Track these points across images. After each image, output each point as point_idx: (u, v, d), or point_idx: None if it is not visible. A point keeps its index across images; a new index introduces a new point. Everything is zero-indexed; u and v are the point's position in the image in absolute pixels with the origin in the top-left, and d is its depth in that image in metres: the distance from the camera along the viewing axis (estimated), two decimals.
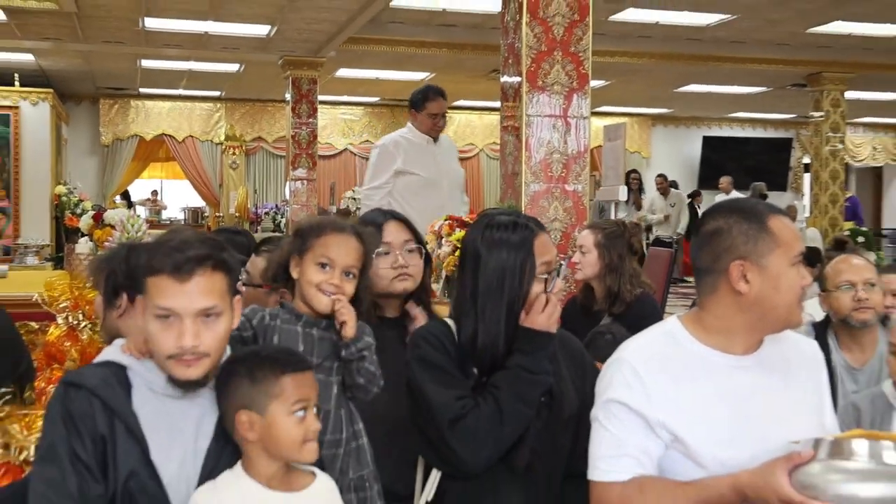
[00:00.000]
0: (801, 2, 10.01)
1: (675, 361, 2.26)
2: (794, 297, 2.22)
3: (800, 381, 2.33)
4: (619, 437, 2.22)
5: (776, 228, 2.22)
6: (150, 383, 2.12)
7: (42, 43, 12.01)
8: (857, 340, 3.85)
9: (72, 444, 2.04)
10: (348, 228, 2.63)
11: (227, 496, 2.04)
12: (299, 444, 2.07)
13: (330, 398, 2.57)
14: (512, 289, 2.49)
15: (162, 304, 2.07)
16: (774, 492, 1.95)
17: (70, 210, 13.17)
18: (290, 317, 2.60)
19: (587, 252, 4.44)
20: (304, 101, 13.06)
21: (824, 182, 13.32)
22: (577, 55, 5.64)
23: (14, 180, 13.66)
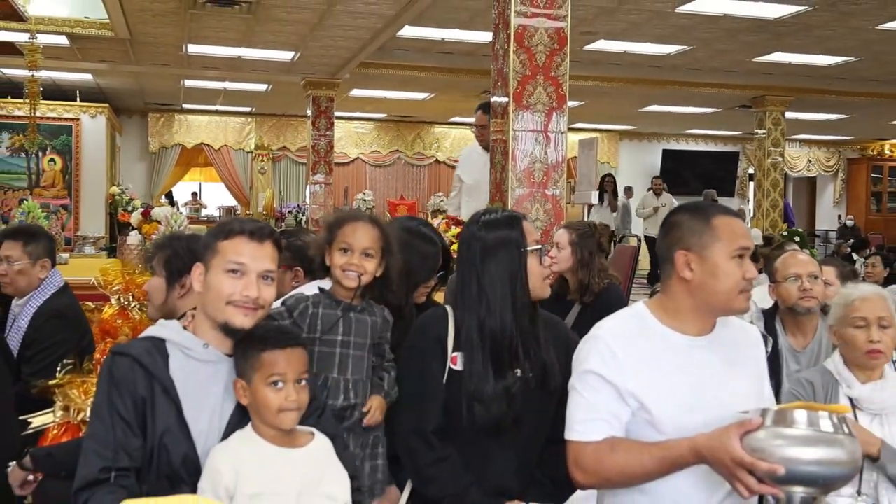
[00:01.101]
0: (746, 35, 10.01)
1: (642, 339, 2.27)
2: (732, 285, 2.22)
3: (745, 359, 2.34)
4: (593, 403, 2.21)
5: (719, 225, 2.24)
6: (187, 350, 2.14)
7: (99, 65, 11.98)
8: (801, 327, 3.85)
9: (114, 403, 2.07)
10: (363, 216, 2.70)
11: (239, 450, 2.08)
12: (274, 411, 2.09)
13: (363, 370, 2.64)
14: (513, 260, 2.52)
15: (236, 259, 2.16)
16: (728, 453, 1.95)
17: (122, 207, 13.12)
18: (331, 302, 2.65)
19: (563, 248, 4.44)
20: (323, 116, 13.04)
21: (766, 189, 13.32)
22: (556, 79, 5.64)
23: (75, 181, 13.66)
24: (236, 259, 2.15)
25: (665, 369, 2.23)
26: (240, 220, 2.27)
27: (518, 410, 2.49)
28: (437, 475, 2.45)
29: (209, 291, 2.16)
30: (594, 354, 2.25)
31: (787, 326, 3.89)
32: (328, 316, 2.62)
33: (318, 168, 13.06)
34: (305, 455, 2.13)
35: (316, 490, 2.10)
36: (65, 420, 3.39)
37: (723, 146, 20.31)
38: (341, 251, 2.62)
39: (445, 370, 2.51)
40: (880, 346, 2.95)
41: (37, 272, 4.15)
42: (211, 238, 2.21)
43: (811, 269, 3.84)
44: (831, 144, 21.04)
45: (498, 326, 2.49)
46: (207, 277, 2.17)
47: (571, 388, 2.28)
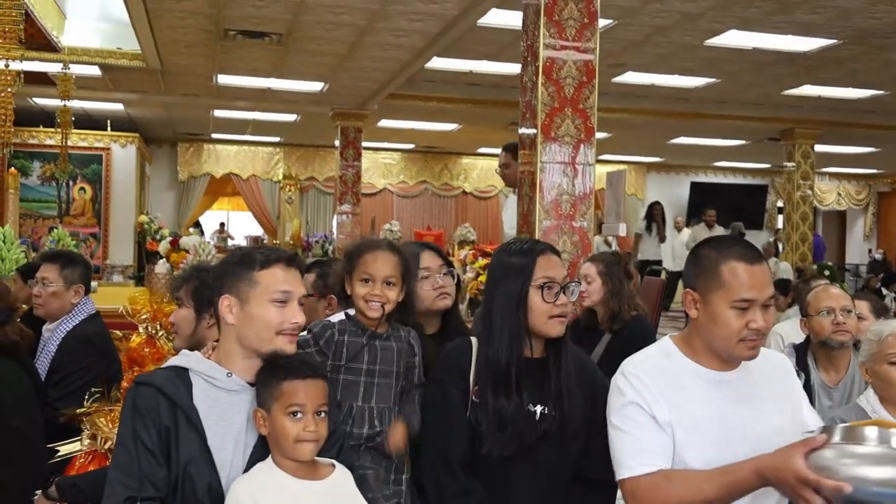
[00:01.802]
0: (776, 68, 9.99)
1: (670, 373, 2.25)
2: (729, 334, 2.18)
3: (777, 392, 2.31)
4: (637, 436, 2.18)
5: (725, 272, 2.19)
6: (211, 379, 2.15)
7: (130, 95, 12.13)
8: (833, 362, 3.81)
9: (139, 433, 2.07)
10: (383, 245, 2.69)
11: (259, 482, 2.08)
12: (292, 441, 2.09)
13: (390, 398, 2.63)
14: (511, 292, 2.48)
15: (282, 288, 2.18)
16: (792, 472, 1.88)
17: (151, 236, 13.30)
18: (357, 329, 2.65)
19: (592, 281, 4.44)
20: (351, 146, 13.11)
21: (795, 223, 13.22)
22: (584, 111, 5.64)
23: (105, 210, 13.83)
24: (281, 288, 2.18)
25: (692, 404, 2.21)
26: (265, 248, 2.30)
27: (529, 443, 2.45)
28: None
29: (253, 322, 2.17)
30: (628, 387, 2.23)
31: (819, 361, 3.84)
32: (353, 344, 2.62)
33: (346, 198, 13.12)
34: (326, 487, 2.13)
35: None
36: (92, 448, 3.40)
37: (751, 179, 20.21)
38: (363, 281, 2.62)
39: (469, 402, 2.49)
40: None
41: (70, 296, 4.20)
42: (241, 268, 2.21)
43: (844, 302, 3.80)
44: (861, 178, 20.88)
45: (495, 355, 2.47)
46: (248, 309, 2.18)
47: (613, 427, 2.24)
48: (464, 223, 16.19)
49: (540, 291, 2.47)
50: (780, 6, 7.53)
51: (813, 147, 13.30)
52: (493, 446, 2.42)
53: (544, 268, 2.49)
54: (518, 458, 2.45)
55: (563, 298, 2.49)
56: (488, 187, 18.98)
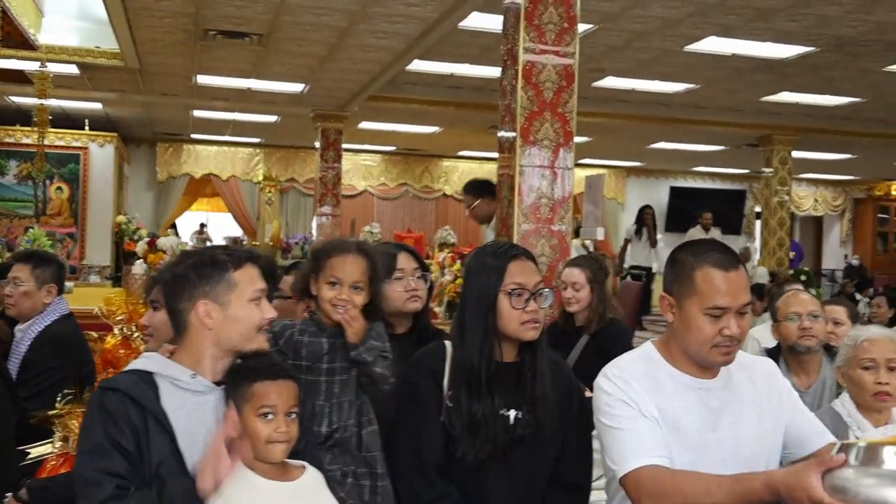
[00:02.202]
0: (754, 74, 10.05)
1: (651, 377, 2.25)
2: (703, 340, 2.18)
3: (758, 396, 2.31)
4: (633, 430, 2.16)
5: (699, 279, 2.19)
6: (176, 381, 2.13)
7: (109, 94, 12.05)
8: (804, 366, 3.83)
9: (113, 435, 2.04)
10: (353, 248, 2.64)
11: (230, 484, 2.06)
12: (263, 443, 2.09)
13: (351, 391, 2.60)
14: (482, 295, 2.47)
15: (258, 286, 2.22)
16: (806, 492, 1.78)
17: (128, 236, 13.21)
18: (317, 329, 2.62)
19: (581, 288, 4.47)
20: (331, 148, 13.08)
21: (773, 228, 13.29)
22: (563, 115, 5.65)
23: (82, 210, 13.72)
24: (258, 286, 2.22)
25: (674, 407, 2.21)
26: (221, 248, 2.30)
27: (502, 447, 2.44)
28: None
29: (237, 324, 2.18)
30: (613, 387, 2.23)
31: (790, 366, 3.87)
32: (313, 343, 2.60)
33: (326, 200, 13.08)
34: (296, 488, 2.12)
35: None
36: (64, 451, 3.36)
37: (730, 184, 20.31)
38: (329, 284, 2.58)
39: (443, 405, 2.48)
40: (888, 388, 2.92)
41: (42, 296, 4.16)
42: (215, 271, 2.19)
43: (811, 308, 3.83)
44: (838, 184, 21.04)
45: (466, 358, 2.46)
46: (231, 311, 2.18)
47: (604, 427, 2.22)
48: (444, 226, 16.19)
49: (509, 297, 2.45)
50: (759, 13, 7.57)
51: (790, 153, 13.39)
52: (466, 450, 2.41)
53: (515, 273, 2.47)
54: (492, 463, 2.44)
55: (532, 305, 2.46)
56: None
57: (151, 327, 3.01)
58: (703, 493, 1.98)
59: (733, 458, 2.21)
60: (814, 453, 2.07)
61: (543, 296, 2.49)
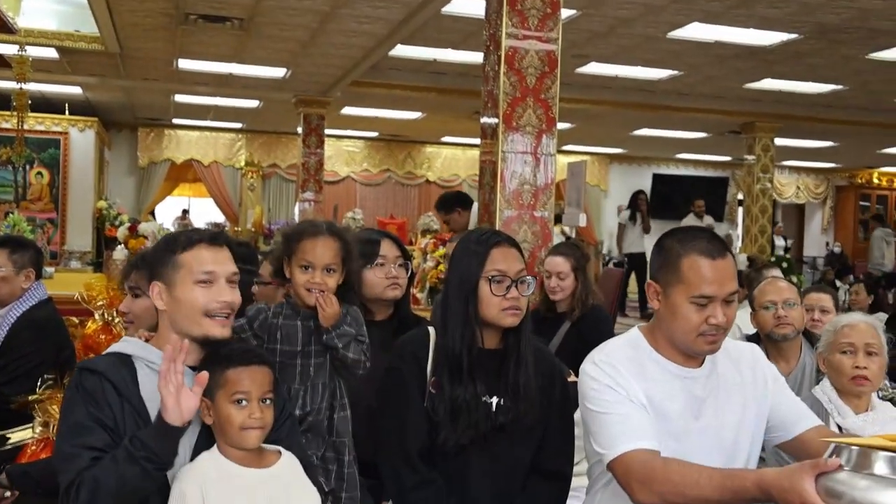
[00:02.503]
0: (737, 61, 10.07)
1: (638, 363, 2.25)
2: (688, 328, 2.18)
3: (743, 383, 2.31)
4: (622, 414, 2.15)
5: (685, 267, 2.18)
6: (152, 364, 2.13)
7: (89, 78, 11.97)
8: (783, 353, 3.85)
9: (93, 414, 2.04)
10: (323, 230, 2.62)
11: (204, 471, 2.06)
12: (237, 429, 2.08)
13: (325, 373, 2.60)
14: (464, 281, 2.46)
15: (205, 268, 2.14)
16: (800, 496, 1.72)
17: (109, 222, 13.13)
18: (292, 312, 2.61)
19: (565, 277, 4.48)
20: (314, 134, 13.04)
21: (755, 215, 13.34)
22: (546, 101, 5.65)
23: (62, 195, 13.63)
24: (204, 268, 2.14)
25: (658, 392, 2.22)
26: (191, 230, 2.25)
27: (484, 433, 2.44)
28: (421, 499, 2.42)
29: (181, 306, 2.14)
30: (600, 373, 2.22)
31: (770, 353, 3.88)
32: (288, 326, 2.60)
33: (308, 186, 13.05)
34: (271, 474, 2.12)
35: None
36: (44, 436, 3.35)
37: (713, 171, 20.39)
38: (302, 268, 2.57)
39: (426, 391, 2.48)
40: (866, 372, 2.95)
41: (20, 281, 4.14)
42: (165, 253, 2.18)
43: (787, 295, 3.83)
44: (820, 172, 21.16)
45: (448, 344, 2.45)
46: (175, 293, 2.14)
47: (591, 413, 2.21)
48: (427, 212, 16.17)
49: (489, 283, 2.43)
50: (743, 0, 7.59)
51: (773, 140, 13.44)
52: (448, 436, 2.41)
53: (497, 260, 2.46)
54: (475, 449, 2.45)
55: (513, 292, 2.44)
56: (452, 176, 18.99)
57: (131, 314, 2.99)
58: (693, 485, 1.96)
59: (716, 446, 2.22)
60: (803, 451, 2.05)
61: (525, 283, 2.47)
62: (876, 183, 21.29)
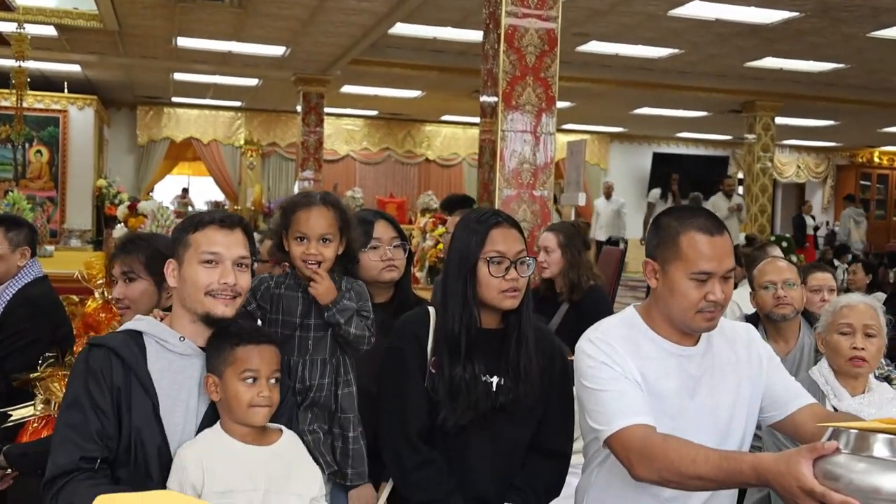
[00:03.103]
0: (738, 39, 10.04)
1: (633, 342, 2.25)
2: (687, 305, 2.18)
3: (742, 362, 2.32)
4: (619, 390, 2.15)
5: (684, 244, 2.18)
6: (164, 342, 2.15)
7: (88, 56, 11.93)
8: (782, 333, 3.85)
9: (92, 393, 2.06)
10: (317, 200, 2.61)
11: (207, 448, 2.07)
12: (245, 407, 2.09)
13: (326, 349, 2.61)
14: (463, 261, 2.45)
15: (210, 249, 2.17)
16: (797, 481, 1.70)
17: (109, 200, 13.15)
18: (294, 283, 2.62)
19: (552, 252, 4.46)
20: (313, 112, 13.02)
21: (755, 194, 13.34)
22: (545, 80, 5.64)
23: (62, 173, 13.63)
24: (210, 249, 2.17)
25: (653, 373, 2.22)
26: (208, 211, 2.29)
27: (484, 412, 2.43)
28: (422, 479, 2.43)
29: (186, 284, 2.17)
30: (596, 351, 2.22)
31: (769, 333, 3.89)
32: (289, 297, 2.60)
33: (307, 164, 13.04)
34: (273, 452, 2.13)
35: (284, 488, 2.11)
36: (45, 413, 3.37)
37: (713, 150, 20.36)
38: (297, 240, 2.57)
39: (426, 371, 2.48)
40: (864, 353, 2.95)
41: (16, 259, 4.15)
42: (180, 232, 2.22)
43: (787, 276, 3.83)
44: (821, 151, 21.13)
45: (448, 324, 2.44)
46: (182, 271, 2.18)
47: (588, 390, 2.21)
48: (427, 191, 16.16)
49: (488, 265, 2.41)
50: None
51: (773, 119, 13.42)
52: (448, 415, 2.42)
53: (496, 241, 2.43)
54: (474, 428, 2.45)
55: (512, 273, 2.42)
56: (451, 155, 18.97)
57: (126, 299, 2.94)
58: (689, 463, 1.95)
59: (711, 425, 2.23)
60: (800, 436, 2.04)
61: (525, 264, 2.45)
62: (877, 162, 21.26)
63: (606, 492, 2.32)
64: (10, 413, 3.51)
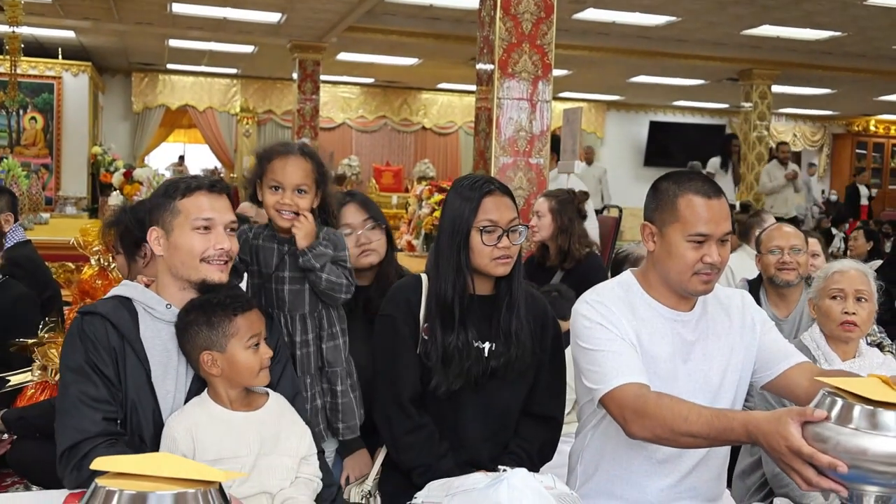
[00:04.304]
0: (735, 7, 9.99)
1: (629, 304, 2.28)
2: (683, 267, 2.20)
3: (735, 327, 2.35)
4: (615, 350, 2.18)
5: (682, 206, 2.21)
6: (151, 310, 2.15)
7: (82, 22, 11.84)
8: (783, 297, 3.90)
9: (94, 361, 2.06)
10: (294, 149, 2.58)
11: (195, 417, 2.08)
12: (256, 372, 2.12)
13: (304, 304, 2.60)
14: (455, 229, 2.45)
15: (203, 216, 2.15)
16: (785, 440, 1.72)
17: (104, 168, 13.11)
18: (271, 235, 2.60)
19: (543, 216, 4.49)
20: (309, 80, 12.95)
21: (751, 163, 13.33)
22: (542, 48, 5.62)
23: (56, 140, 13.58)
24: (203, 215, 2.15)
25: (648, 334, 2.25)
26: (190, 176, 2.24)
27: (476, 378, 2.45)
28: (413, 444, 2.45)
29: (178, 252, 2.15)
30: (593, 312, 2.25)
31: (770, 297, 3.94)
32: (266, 249, 2.59)
33: (303, 132, 12.99)
34: (261, 416, 2.15)
35: (274, 449, 2.12)
36: (43, 379, 3.39)
37: (709, 118, 20.31)
38: (272, 189, 2.53)
39: (419, 338, 2.50)
40: (855, 318, 2.98)
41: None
42: (164, 199, 2.18)
43: (794, 241, 3.88)
44: (817, 119, 21.08)
45: (440, 290, 2.45)
46: (173, 238, 2.16)
47: (584, 350, 2.24)
48: (423, 159, 16.13)
49: (480, 233, 2.42)
50: None
51: (770, 88, 13.38)
52: (440, 381, 2.44)
53: (488, 209, 2.43)
54: (468, 393, 2.47)
55: (504, 241, 2.42)
56: (448, 123, 18.91)
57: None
58: (682, 420, 1.98)
59: (702, 389, 2.26)
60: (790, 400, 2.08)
61: (517, 232, 2.46)
62: (873, 130, 21.22)
63: (601, 454, 2.36)
64: (9, 378, 3.54)
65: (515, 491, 1.84)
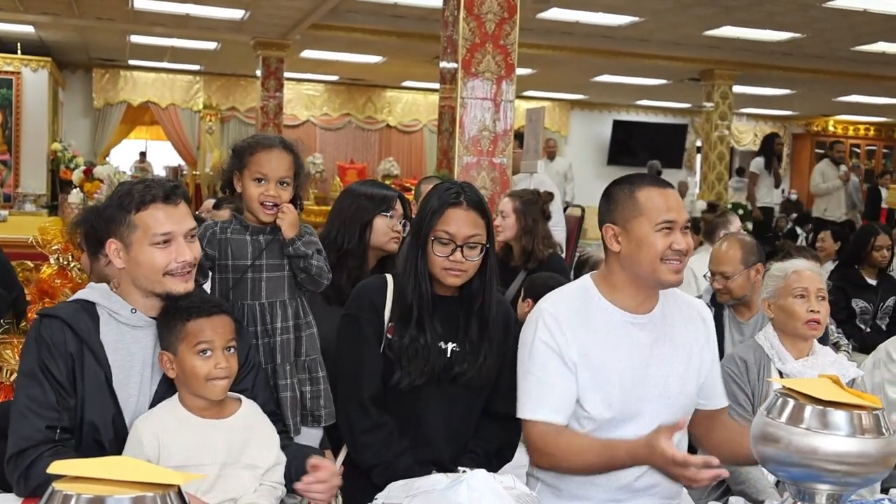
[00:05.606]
0: (698, 8, 10.08)
1: (584, 313, 2.30)
2: (654, 255, 2.24)
3: (691, 336, 2.38)
4: (542, 379, 2.27)
5: (643, 199, 2.26)
6: (115, 314, 2.12)
7: (42, 17, 11.67)
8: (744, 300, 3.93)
9: (47, 365, 2.04)
10: (277, 143, 2.62)
11: (162, 421, 2.06)
12: (203, 380, 2.07)
13: (283, 291, 2.63)
14: (418, 233, 2.47)
15: (161, 231, 2.09)
16: (661, 456, 2.00)
17: (64, 164, 12.93)
18: (240, 227, 2.62)
19: (507, 216, 4.50)
20: (273, 77, 12.89)
21: (713, 162, 13.46)
22: (505, 48, 5.64)
23: (15, 137, 13.39)
24: (161, 230, 2.10)
25: (601, 346, 2.27)
26: (143, 185, 2.15)
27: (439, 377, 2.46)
28: (371, 443, 2.45)
29: (140, 267, 2.11)
30: (539, 326, 2.29)
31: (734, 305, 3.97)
32: (237, 241, 2.61)
33: (267, 130, 12.90)
34: (231, 424, 2.13)
35: (239, 460, 2.10)
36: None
37: (672, 118, 20.46)
38: (255, 181, 2.56)
39: (383, 337, 2.50)
40: (818, 316, 3.04)
41: None
42: (119, 211, 2.12)
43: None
44: (777, 119, 21.31)
45: (403, 290, 2.47)
46: (133, 253, 2.11)
47: (521, 364, 2.33)
48: (387, 157, 16.10)
49: (434, 243, 2.42)
50: None
51: (731, 88, 13.50)
52: (402, 377, 2.45)
53: (448, 221, 2.41)
54: (430, 390, 2.48)
55: (457, 256, 2.40)
56: (412, 121, 18.89)
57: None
58: (577, 454, 2.20)
59: (662, 395, 2.29)
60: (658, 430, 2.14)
61: (476, 249, 2.43)
62: (832, 130, 21.49)
63: None
64: None
65: (475, 492, 1.86)
